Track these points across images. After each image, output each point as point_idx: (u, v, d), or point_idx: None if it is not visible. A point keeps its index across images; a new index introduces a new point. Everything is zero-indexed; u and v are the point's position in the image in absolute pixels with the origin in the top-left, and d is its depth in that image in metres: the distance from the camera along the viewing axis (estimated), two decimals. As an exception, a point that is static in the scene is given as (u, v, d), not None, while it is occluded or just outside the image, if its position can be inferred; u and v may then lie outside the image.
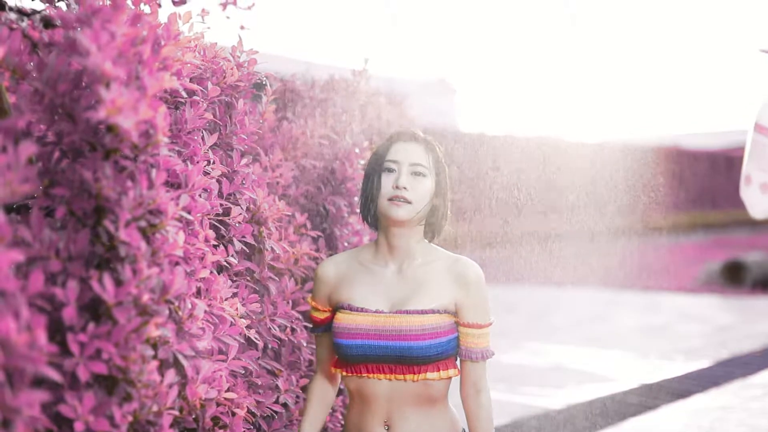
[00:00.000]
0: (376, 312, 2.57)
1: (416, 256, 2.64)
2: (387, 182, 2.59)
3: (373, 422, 2.60)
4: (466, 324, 2.60)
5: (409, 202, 2.55)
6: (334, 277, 2.67)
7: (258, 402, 2.71)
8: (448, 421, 2.64)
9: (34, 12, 2.57)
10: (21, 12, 2.59)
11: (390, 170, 2.60)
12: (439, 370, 2.55)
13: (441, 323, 2.55)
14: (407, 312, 2.54)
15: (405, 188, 2.55)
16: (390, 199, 2.56)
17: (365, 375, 2.56)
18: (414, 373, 2.53)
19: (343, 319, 2.58)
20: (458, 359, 2.65)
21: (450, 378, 2.60)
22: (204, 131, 2.56)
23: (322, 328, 2.71)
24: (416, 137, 2.65)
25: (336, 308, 2.64)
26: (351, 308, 2.59)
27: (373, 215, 2.64)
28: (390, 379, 2.54)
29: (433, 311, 2.55)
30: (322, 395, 2.77)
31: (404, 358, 2.51)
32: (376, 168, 2.63)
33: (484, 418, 2.64)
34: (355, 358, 2.55)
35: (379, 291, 2.61)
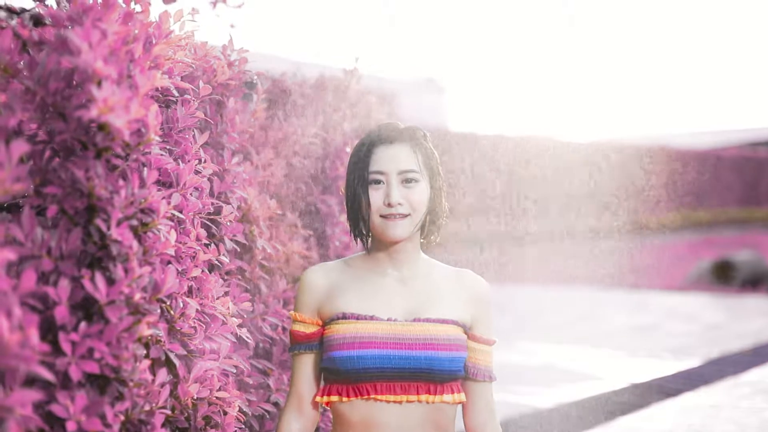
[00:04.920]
0: (388, 320, 2.25)
1: (417, 263, 2.35)
2: (376, 197, 2.26)
3: None
4: (481, 339, 2.33)
5: (407, 215, 2.26)
6: (326, 284, 2.34)
7: (249, 401, 2.70)
8: None
9: (24, 10, 2.56)
10: (10, 10, 2.59)
11: (377, 182, 2.27)
12: (453, 392, 2.27)
13: (460, 336, 2.28)
14: (427, 320, 2.25)
15: (400, 204, 2.25)
16: (383, 216, 2.26)
17: (373, 397, 2.22)
18: (430, 394, 2.22)
19: (346, 329, 2.25)
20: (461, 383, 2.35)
21: (459, 404, 2.32)
22: (195, 130, 2.55)
23: (305, 346, 2.35)
24: (399, 136, 2.31)
25: (329, 321, 2.31)
26: (358, 317, 2.26)
27: (365, 233, 2.32)
28: (401, 402, 2.21)
29: (453, 322, 2.27)
30: None
31: (426, 373, 2.21)
32: (360, 181, 2.29)
33: None
34: (366, 373, 2.21)
35: (383, 300, 2.30)
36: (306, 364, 2.35)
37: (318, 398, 2.32)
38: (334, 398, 2.27)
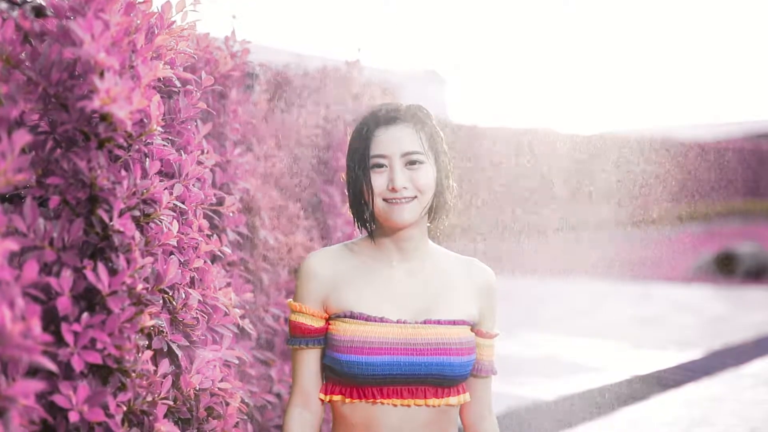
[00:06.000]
0: (398, 323, 2.14)
1: (424, 253, 2.23)
2: (380, 182, 2.13)
3: None
4: (486, 335, 2.25)
5: (413, 198, 2.12)
6: (331, 274, 2.21)
7: (251, 392, 2.71)
8: None
9: (25, 1, 2.56)
10: (11, 1, 2.58)
11: (380, 166, 2.13)
12: (458, 394, 2.19)
13: (471, 338, 2.19)
14: (438, 322, 2.15)
15: (405, 188, 2.11)
16: (387, 200, 2.13)
17: (379, 401, 2.13)
18: (437, 397, 2.14)
19: (355, 330, 2.13)
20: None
21: (463, 404, 2.25)
22: (197, 120, 2.55)
23: (311, 340, 2.22)
24: (400, 116, 2.16)
25: (334, 316, 2.19)
26: (367, 318, 2.14)
27: (368, 220, 2.19)
28: (409, 405, 2.12)
29: (464, 322, 2.18)
30: None
31: (437, 378, 2.12)
32: (361, 165, 2.15)
33: None
34: (373, 379, 2.11)
35: (391, 297, 2.18)
36: (312, 359, 2.23)
37: (320, 395, 2.24)
38: (337, 398, 2.19)
